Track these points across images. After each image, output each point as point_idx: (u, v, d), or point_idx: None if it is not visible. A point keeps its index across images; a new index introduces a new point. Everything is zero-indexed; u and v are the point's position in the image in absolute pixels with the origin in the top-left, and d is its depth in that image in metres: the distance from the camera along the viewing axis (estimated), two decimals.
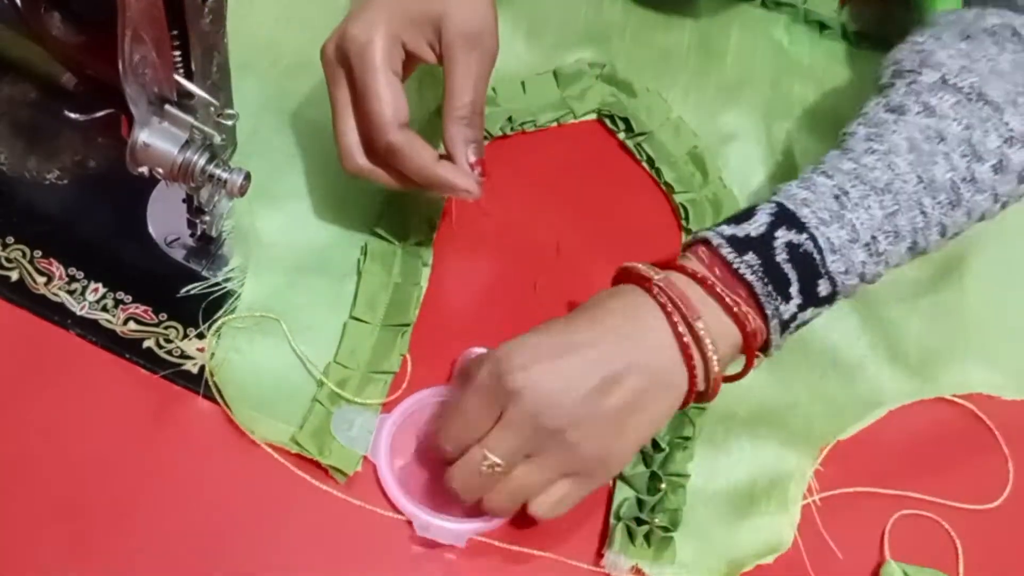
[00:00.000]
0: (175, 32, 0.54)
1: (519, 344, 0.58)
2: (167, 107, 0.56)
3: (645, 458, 0.66)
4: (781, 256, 0.59)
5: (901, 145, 0.63)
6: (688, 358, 0.58)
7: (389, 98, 0.62)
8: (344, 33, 0.63)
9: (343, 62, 0.64)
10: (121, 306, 0.65)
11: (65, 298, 0.65)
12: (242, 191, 0.59)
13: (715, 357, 0.58)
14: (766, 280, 0.59)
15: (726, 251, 0.59)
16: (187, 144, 0.57)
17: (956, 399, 0.73)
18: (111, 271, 0.66)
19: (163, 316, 0.65)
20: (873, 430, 0.66)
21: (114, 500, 0.59)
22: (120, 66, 0.52)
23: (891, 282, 0.66)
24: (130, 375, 0.63)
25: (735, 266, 0.59)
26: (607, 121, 0.83)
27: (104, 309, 0.65)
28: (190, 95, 0.57)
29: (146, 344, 0.64)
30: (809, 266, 0.60)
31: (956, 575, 0.67)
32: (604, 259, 0.75)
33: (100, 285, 0.66)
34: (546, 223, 0.77)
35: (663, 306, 0.58)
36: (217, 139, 0.58)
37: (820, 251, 0.60)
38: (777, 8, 0.92)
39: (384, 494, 0.62)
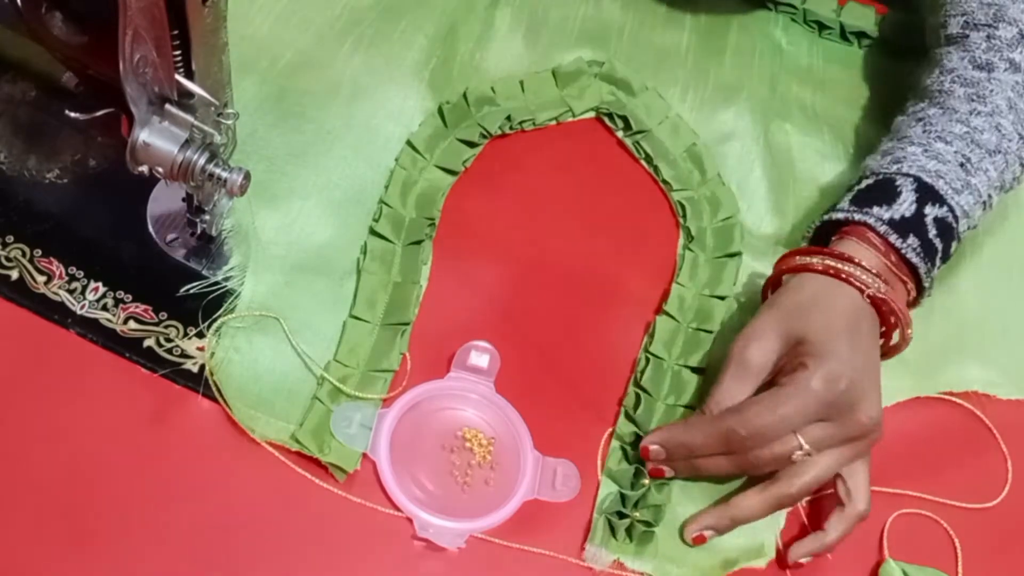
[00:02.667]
0: (176, 32, 0.54)
1: (854, 368, 0.62)
2: (167, 106, 0.56)
3: (628, 455, 0.66)
4: (932, 232, 0.66)
5: (1002, 105, 0.70)
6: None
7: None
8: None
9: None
10: (121, 305, 0.65)
11: (65, 297, 0.65)
12: (242, 190, 0.59)
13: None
14: (925, 259, 0.66)
15: (894, 239, 0.66)
16: (187, 143, 0.57)
17: (955, 399, 0.74)
18: (111, 270, 0.66)
19: (163, 315, 0.65)
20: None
21: (114, 499, 0.59)
22: (120, 65, 0.52)
23: None
24: (130, 374, 0.63)
25: (904, 252, 0.66)
26: (606, 119, 0.84)
27: (104, 308, 0.65)
28: (190, 94, 0.57)
29: (146, 343, 0.64)
30: (949, 235, 0.67)
31: (955, 573, 0.67)
32: (603, 256, 0.76)
33: (100, 284, 0.66)
34: (545, 221, 0.77)
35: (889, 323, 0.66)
36: (217, 138, 0.58)
37: (956, 219, 0.67)
38: (776, 8, 0.92)
39: (384, 492, 0.62)
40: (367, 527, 0.61)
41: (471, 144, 0.77)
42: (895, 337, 0.67)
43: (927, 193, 0.67)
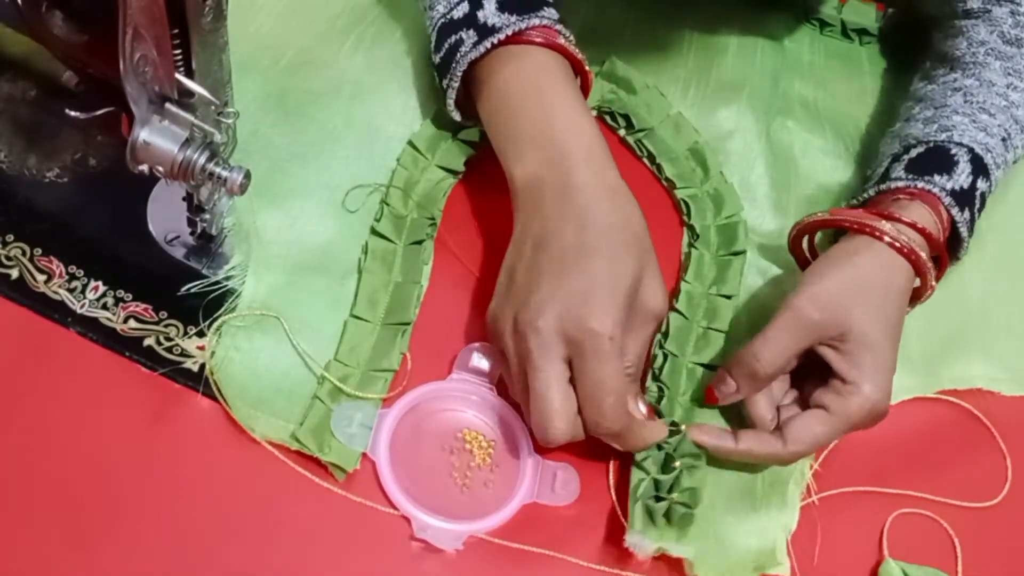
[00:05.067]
0: (176, 30, 0.54)
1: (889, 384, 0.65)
2: (167, 105, 0.56)
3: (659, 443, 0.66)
4: (978, 206, 0.69)
5: None
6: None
7: (620, 390, 0.61)
8: (579, 323, 0.60)
9: (570, 344, 0.60)
10: (121, 304, 0.65)
11: (65, 296, 0.65)
12: (242, 189, 0.59)
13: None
14: (971, 232, 0.68)
15: (955, 212, 0.68)
16: (187, 142, 0.57)
17: (954, 399, 0.74)
18: (111, 269, 0.66)
19: (163, 314, 0.65)
20: (872, 429, 0.66)
21: (114, 498, 0.59)
22: (121, 64, 0.52)
23: None
24: (130, 373, 0.63)
25: (959, 225, 0.68)
26: (607, 118, 0.84)
27: (104, 307, 0.65)
28: (191, 93, 0.57)
29: (146, 342, 0.64)
30: (983, 209, 0.70)
31: (955, 573, 0.67)
32: None
33: (100, 283, 0.66)
34: None
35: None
36: (217, 137, 0.58)
37: (991, 192, 0.69)
38: (778, 5, 0.92)
39: (383, 492, 0.62)
40: (366, 527, 0.61)
41: (472, 144, 0.77)
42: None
43: (978, 167, 0.68)
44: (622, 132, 0.83)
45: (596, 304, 0.60)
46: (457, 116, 0.72)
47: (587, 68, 0.70)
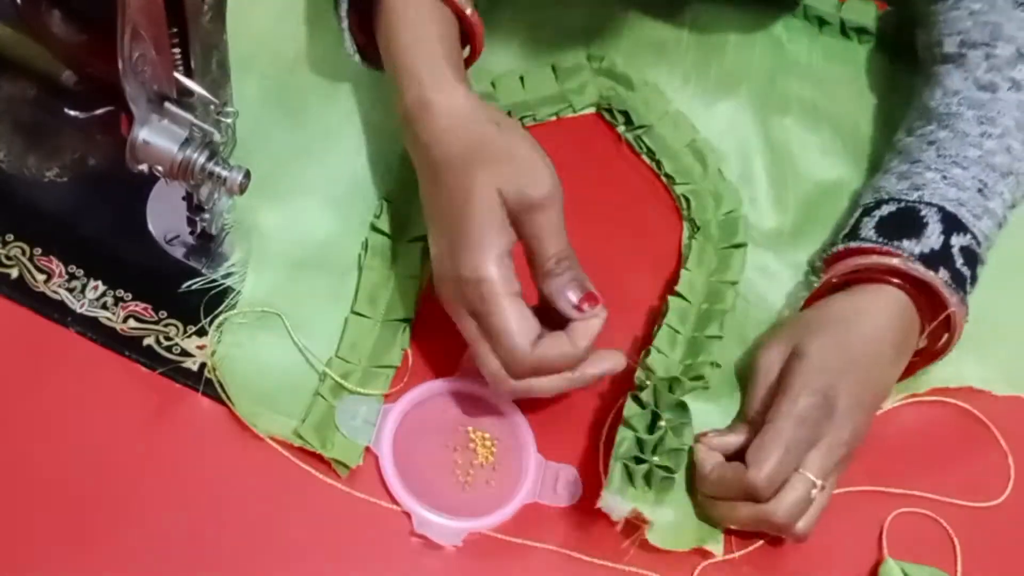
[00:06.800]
0: (175, 30, 0.54)
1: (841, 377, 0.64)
2: (167, 105, 0.56)
3: (641, 403, 0.65)
4: (959, 262, 0.67)
5: (1011, 126, 0.71)
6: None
7: (517, 327, 0.59)
8: (458, 277, 0.60)
9: (462, 301, 0.61)
10: (121, 304, 0.65)
11: (65, 296, 0.65)
12: (242, 189, 0.59)
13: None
14: (954, 287, 0.67)
15: (920, 272, 0.66)
16: (187, 142, 0.57)
17: (953, 399, 0.74)
18: (111, 269, 0.66)
19: (163, 314, 0.65)
20: (871, 429, 0.66)
21: (114, 498, 0.59)
22: (120, 64, 0.52)
23: None
24: (130, 373, 0.63)
25: (935, 286, 0.66)
26: (606, 114, 0.84)
27: (104, 307, 0.65)
28: (190, 93, 0.57)
29: (146, 342, 0.64)
30: (974, 259, 0.69)
31: (954, 572, 0.67)
32: (606, 252, 0.75)
33: (100, 283, 0.66)
34: None
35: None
36: (217, 136, 0.58)
37: (979, 244, 0.68)
38: (776, 4, 0.92)
39: (385, 487, 0.63)
40: (367, 522, 0.62)
41: None
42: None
43: (951, 223, 0.68)
44: (621, 128, 0.83)
45: (458, 253, 0.60)
46: (354, 51, 0.71)
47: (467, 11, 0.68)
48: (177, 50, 0.55)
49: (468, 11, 0.67)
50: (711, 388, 0.69)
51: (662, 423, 0.64)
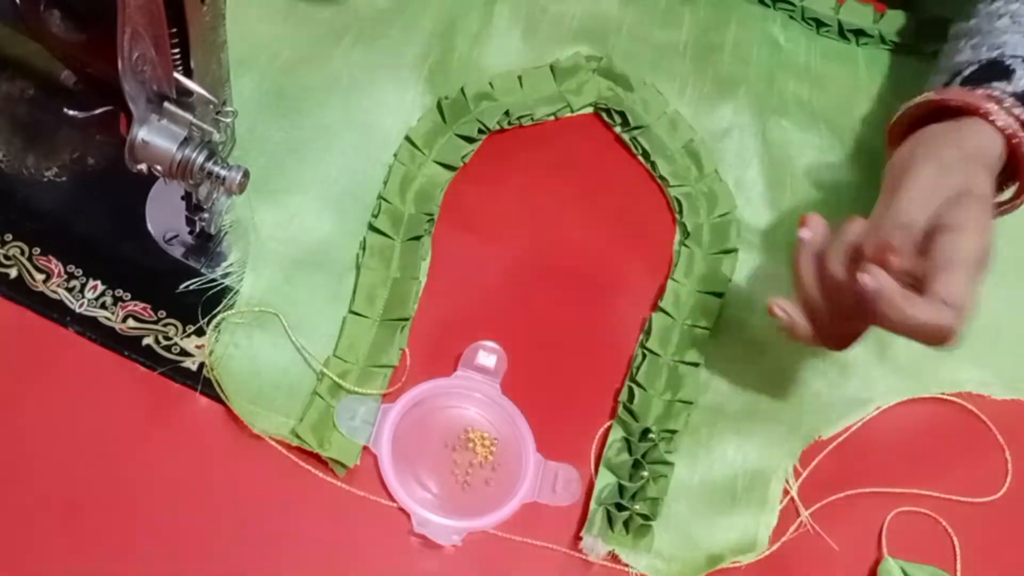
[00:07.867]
0: (174, 30, 0.54)
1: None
2: (166, 104, 0.56)
3: (630, 446, 0.66)
4: None
5: None
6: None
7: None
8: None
9: None
10: (120, 303, 0.65)
11: (64, 295, 0.65)
12: (241, 188, 0.59)
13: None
14: None
15: (1019, 111, 0.67)
16: (186, 141, 0.57)
17: (951, 399, 0.74)
18: (110, 268, 0.66)
19: (162, 313, 0.65)
20: (869, 428, 0.66)
21: (114, 498, 0.59)
22: (119, 64, 0.52)
23: None
24: (129, 372, 0.63)
25: None
26: (604, 115, 0.84)
27: (103, 306, 0.65)
28: (189, 92, 0.57)
29: (145, 341, 0.64)
30: None
31: (954, 571, 0.67)
32: (601, 252, 0.76)
33: (99, 282, 0.66)
34: (543, 217, 0.77)
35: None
36: (216, 136, 0.58)
37: None
38: (774, 5, 0.92)
39: (384, 486, 0.63)
40: (365, 520, 0.62)
41: (469, 140, 0.77)
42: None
43: None
44: (618, 129, 0.83)
45: None
46: None
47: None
48: (177, 50, 0.55)
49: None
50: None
51: (644, 472, 0.65)
